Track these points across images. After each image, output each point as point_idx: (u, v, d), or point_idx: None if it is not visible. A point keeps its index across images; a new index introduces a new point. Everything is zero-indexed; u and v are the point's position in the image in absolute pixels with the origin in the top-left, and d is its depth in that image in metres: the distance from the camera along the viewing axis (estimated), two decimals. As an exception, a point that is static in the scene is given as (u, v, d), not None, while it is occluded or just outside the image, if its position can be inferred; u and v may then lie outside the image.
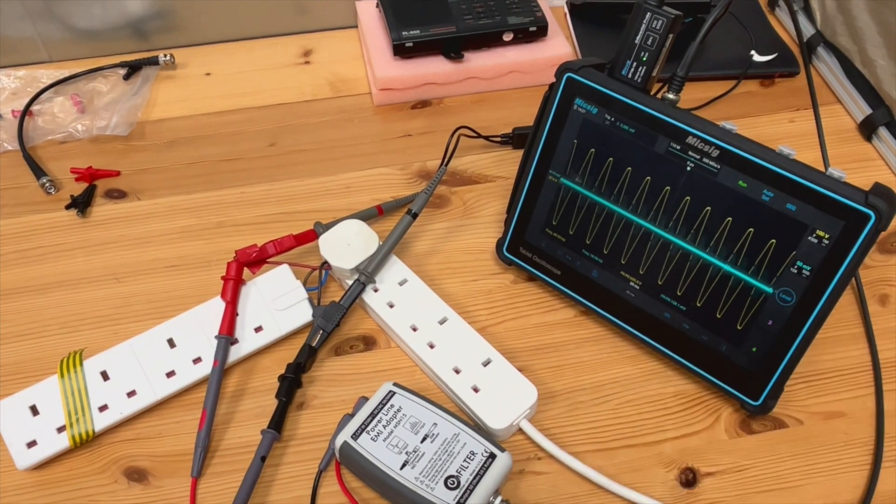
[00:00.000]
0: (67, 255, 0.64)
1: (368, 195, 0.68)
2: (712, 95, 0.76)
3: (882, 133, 0.71)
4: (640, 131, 0.52)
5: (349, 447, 0.49)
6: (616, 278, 0.56)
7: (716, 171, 0.50)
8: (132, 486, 0.51)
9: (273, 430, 0.51)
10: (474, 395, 0.53)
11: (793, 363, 0.50)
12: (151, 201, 0.68)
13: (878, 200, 0.45)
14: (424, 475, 0.47)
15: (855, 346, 0.58)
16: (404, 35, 0.74)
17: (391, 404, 0.51)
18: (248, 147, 0.73)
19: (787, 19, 0.84)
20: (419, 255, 0.64)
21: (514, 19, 0.76)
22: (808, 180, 0.47)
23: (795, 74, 0.78)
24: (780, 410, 0.54)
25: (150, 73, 0.79)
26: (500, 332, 0.59)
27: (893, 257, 0.64)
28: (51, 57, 0.81)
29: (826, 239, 0.47)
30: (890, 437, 0.53)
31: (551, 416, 0.54)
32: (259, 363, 0.57)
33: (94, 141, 0.73)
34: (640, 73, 0.52)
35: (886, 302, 0.60)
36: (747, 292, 0.50)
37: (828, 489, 0.51)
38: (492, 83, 0.77)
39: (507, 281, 0.62)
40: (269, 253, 0.59)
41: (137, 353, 0.54)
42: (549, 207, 0.58)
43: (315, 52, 0.83)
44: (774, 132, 0.73)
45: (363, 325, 0.59)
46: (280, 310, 0.57)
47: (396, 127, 0.75)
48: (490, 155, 0.72)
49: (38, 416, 0.52)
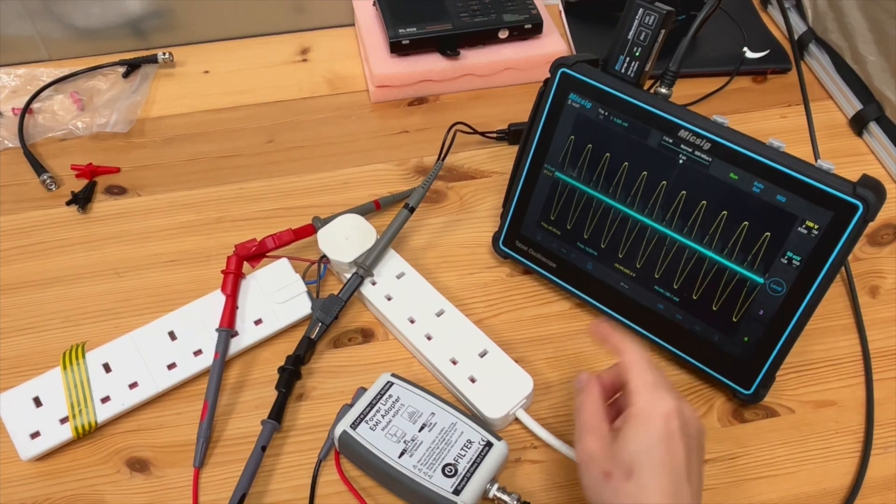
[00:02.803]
0: (68, 251, 0.65)
1: (366, 190, 0.69)
2: (705, 92, 0.77)
3: (872, 128, 0.72)
4: (633, 125, 0.53)
5: (348, 436, 0.50)
6: (611, 271, 0.57)
7: (707, 164, 0.51)
8: (134, 477, 0.52)
9: (273, 421, 0.52)
10: (471, 385, 0.54)
11: (784, 352, 0.51)
12: (151, 197, 0.69)
13: (866, 191, 0.46)
14: (422, 463, 0.48)
15: (845, 337, 0.59)
16: (401, 33, 0.75)
17: (389, 394, 0.52)
18: (246, 143, 0.74)
19: (778, 16, 0.85)
20: (416, 249, 0.65)
21: (510, 17, 0.76)
22: (797, 172, 0.48)
23: (787, 71, 0.79)
24: (771, 399, 0.55)
25: (149, 71, 0.80)
26: (496, 324, 0.59)
27: (883, 249, 0.65)
28: (50, 55, 0.81)
29: (815, 229, 0.48)
30: (879, 424, 0.54)
31: (547, 405, 0.55)
32: (259, 355, 0.58)
33: (93, 138, 0.74)
34: (633, 68, 0.53)
35: (876, 293, 0.61)
36: (738, 282, 0.51)
37: (818, 476, 0.52)
38: (487, 80, 0.78)
39: (503, 274, 0.63)
40: (269, 247, 0.60)
41: (139, 345, 0.55)
42: (545, 201, 0.59)
43: (312, 49, 0.83)
44: (766, 127, 0.74)
45: (361, 318, 0.60)
46: (279, 303, 0.58)
47: (393, 123, 0.75)
48: (486, 151, 0.73)
49: (42, 407, 0.52)
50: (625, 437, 0.42)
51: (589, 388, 0.46)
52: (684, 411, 0.42)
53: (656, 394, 0.43)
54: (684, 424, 0.42)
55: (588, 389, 0.45)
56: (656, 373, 0.44)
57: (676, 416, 0.42)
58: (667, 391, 0.43)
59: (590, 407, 0.45)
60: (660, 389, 0.43)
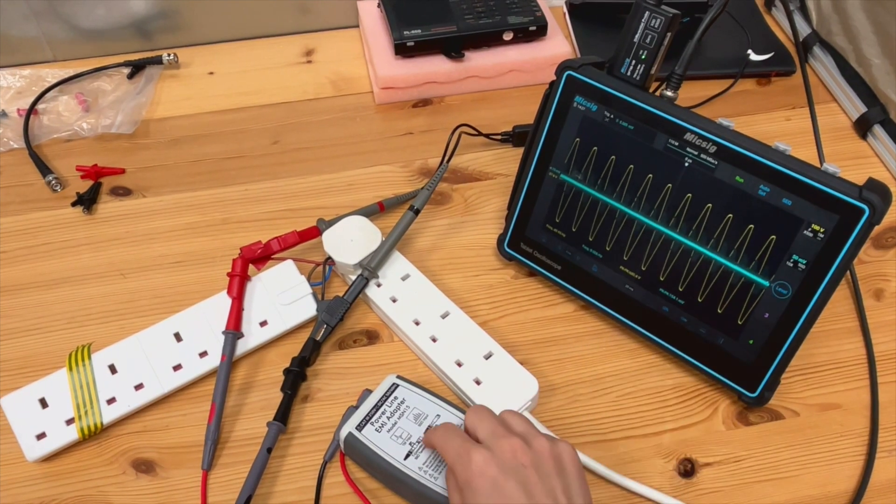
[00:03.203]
0: (73, 252, 0.65)
1: (370, 192, 0.69)
2: (710, 94, 0.77)
3: (877, 131, 0.72)
4: (638, 128, 0.53)
5: (354, 438, 0.50)
6: (616, 273, 0.57)
7: (713, 167, 0.51)
8: (140, 478, 0.52)
9: (279, 423, 0.52)
10: (476, 387, 0.54)
11: (789, 355, 0.51)
12: (156, 198, 0.69)
13: (872, 195, 0.46)
14: (428, 465, 0.48)
15: (850, 340, 0.59)
16: (405, 34, 0.75)
17: (395, 396, 0.52)
18: (251, 145, 0.74)
19: (783, 19, 0.85)
20: (421, 251, 0.65)
21: (514, 19, 0.77)
22: (803, 175, 0.48)
23: (792, 73, 0.79)
24: (776, 402, 0.55)
25: (153, 72, 0.80)
26: (501, 326, 0.59)
27: (888, 252, 0.65)
28: (55, 56, 0.82)
29: (821, 233, 0.48)
30: (884, 428, 0.54)
31: (552, 408, 0.55)
32: (264, 357, 0.58)
33: (98, 139, 0.74)
34: (638, 70, 0.53)
35: (881, 296, 0.61)
36: (744, 285, 0.51)
37: (823, 479, 0.52)
38: (492, 82, 0.78)
39: (507, 276, 0.63)
40: (274, 249, 0.60)
41: (145, 346, 0.55)
42: (550, 204, 0.59)
43: (317, 51, 0.83)
44: (771, 130, 0.74)
45: (366, 320, 0.60)
46: (285, 304, 0.58)
47: (398, 125, 0.76)
48: (490, 153, 0.73)
49: (48, 408, 0.52)
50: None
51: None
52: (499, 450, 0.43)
53: (462, 457, 0.43)
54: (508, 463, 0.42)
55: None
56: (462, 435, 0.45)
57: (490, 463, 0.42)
58: (475, 447, 0.43)
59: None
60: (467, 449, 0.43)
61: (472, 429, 0.45)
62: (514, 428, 0.45)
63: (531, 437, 0.44)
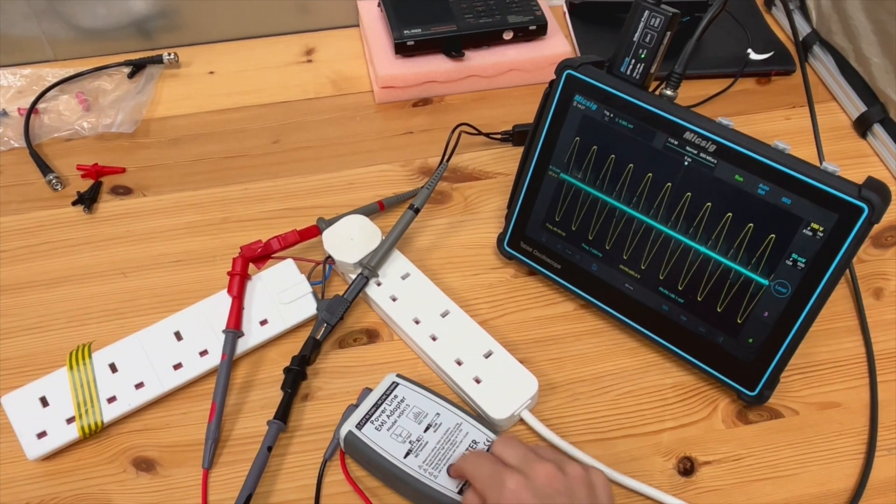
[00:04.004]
0: (74, 251, 0.65)
1: (370, 191, 0.69)
2: (709, 93, 0.77)
3: (877, 130, 0.72)
4: (638, 127, 0.53)
5: (354, 437, 0.50)
6: (615, 272, 0.57)
7: (713, 166, 0.51)
8: (140, 476, 0.52)
9: (279, 421, 0.52)
10: (476, 385, 0.54)
11: (788, 354, 0.51)
12: (156, 197, 0.69)
13: (871, 194, 0.46)
14: (428, 463, 0.48)
15: (850, 339, 0.59)
16: (406, 34, 0.75)
17: (395, 395, 0.52)
18: (251, 144, 0.74)
19: (783, 18, 0.85)
20: (421, 250, 0.65)
21: (514, 18, 0.77)
22: (802, 174, 0.48)
23: (791, 72, 0.80)
24: (776, 401, 0.55)
25: (154, 71, 0.80)
26: (501, 325, 0.60)
27: (888, 251, 0.65)
28: (56, 56, 0.82)
29: (820, 232, 0.48)
30: (883, 426, 0.54)
31: (552, 406, 0.55)
32: (265, 356, 0.58)
33: (99, 138, 0.74)
34: (638, 69, 0.53)
35: (881, 295, 0.61)
36: (743, 284, 0.51)
37: (823, 477, 0.52)
38: (492, 81, 0.78)
39: (507, 275, 0.63)
40: (274, 248, 0.60)
41: (145, 345, 0.55)
42: (550, 203, 0.59)
43: (317, 50, 0.83)
44: (771, 129, 0.74)
45: (366, 319, 0.60)
46: (285, 303, 0.58)
47: (398, 124, 0.76)
48: (490, 152, 0.73)
49: (48, 407, 0.52)
50: None
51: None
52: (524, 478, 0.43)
53: (495, 481, 0.43)
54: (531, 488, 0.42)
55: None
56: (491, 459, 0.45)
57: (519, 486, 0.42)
58: (509, 471, 0.43)
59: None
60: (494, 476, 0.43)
61: (501, 455, 0.45)
62: (544, 454, 0.45)
63: (564, 462, 0.44)
